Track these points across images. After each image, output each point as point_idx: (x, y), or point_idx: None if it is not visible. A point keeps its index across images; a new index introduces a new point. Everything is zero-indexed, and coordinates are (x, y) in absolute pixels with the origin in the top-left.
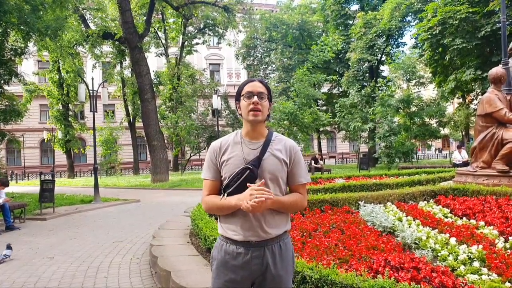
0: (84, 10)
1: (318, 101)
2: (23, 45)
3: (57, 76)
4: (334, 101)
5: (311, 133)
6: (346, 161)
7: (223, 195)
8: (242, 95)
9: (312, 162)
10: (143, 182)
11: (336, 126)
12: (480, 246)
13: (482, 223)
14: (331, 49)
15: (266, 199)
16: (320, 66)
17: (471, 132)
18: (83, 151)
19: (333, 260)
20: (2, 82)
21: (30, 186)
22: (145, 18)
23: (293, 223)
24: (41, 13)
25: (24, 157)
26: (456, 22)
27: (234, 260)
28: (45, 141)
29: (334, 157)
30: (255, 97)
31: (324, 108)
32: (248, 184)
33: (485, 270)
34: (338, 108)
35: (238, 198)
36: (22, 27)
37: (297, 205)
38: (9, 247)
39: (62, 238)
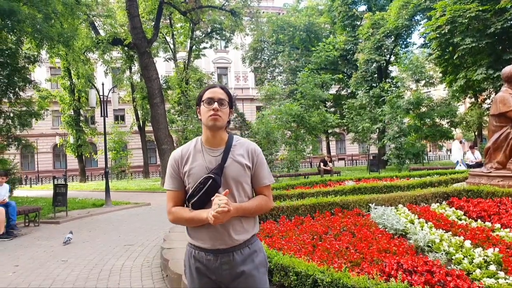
0: (94, 17)
1: (326, 102)
2: (36, 53)
3: (69, 82)
4: (343, 102)
5: (319, 135)
6: (356, 163)
7: (189, 206)
8: (203, 101)
9: (321, 164)
10: (153, 186)
11: (345, 128)
12: (497, 249)
13: (498, 225)
14: (334, 47)
15: (228, 210)
16: (328, 67)
17: (484, 132)
18: (94, 155)
19: (344, 263)
20: (17, 88)
21: (43, 190)
22: (153, 23)
23: (302, 226)
24: (53, 21)
25: (38, 161)
26: (466, 20)
27: (205, 266)
28: (58, 146)
29: (343, 159)
30: (216, 103)
31: (333, 109)
32: (215, 195)
33: (501, 273)
34: (346, 110)
35: (208, 212)
36: (35, 35)
37: (262, 207)
38: (71, 232)
39: (75, 241)
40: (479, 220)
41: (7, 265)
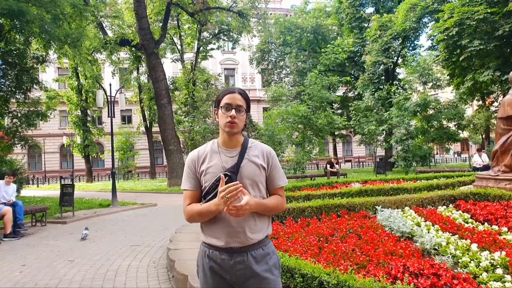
0: (102, 18)
1: (333, 104)
2: (44, 53)
3: (76, 83)
4: (349, 104)
5: (326, 137)
6: (363, 165)
7: (203, 202)
8: (221, 106)
9: (328, 166)
10: (160, 186)
11: (351, 130)
12: (503, 253)
13: (505, 229)
14: (342, 50)
15: (247, 203)
16: (335, 69)
17: (492, 135)
18: (101, 156)
19: (350, 266)
20: (24, 89)
21: (50, 190)
22: (161, 24)
23: (309, 228)
24: (61, 22)
25: (45, 161)
26: (474, 23)
27: (219, 266)
28: (65, 146)
29: (350, 161)
30: (233, 110)
31: (340, 111)
32: (220, 185)
33: (508, 277)
34: (353, 112)
35: (215, 203)
36: (43, 35)
37: (278, 206)
38: (86, 228)
39: (81, 241)
40: (486, 223)
41: (14, 265)
